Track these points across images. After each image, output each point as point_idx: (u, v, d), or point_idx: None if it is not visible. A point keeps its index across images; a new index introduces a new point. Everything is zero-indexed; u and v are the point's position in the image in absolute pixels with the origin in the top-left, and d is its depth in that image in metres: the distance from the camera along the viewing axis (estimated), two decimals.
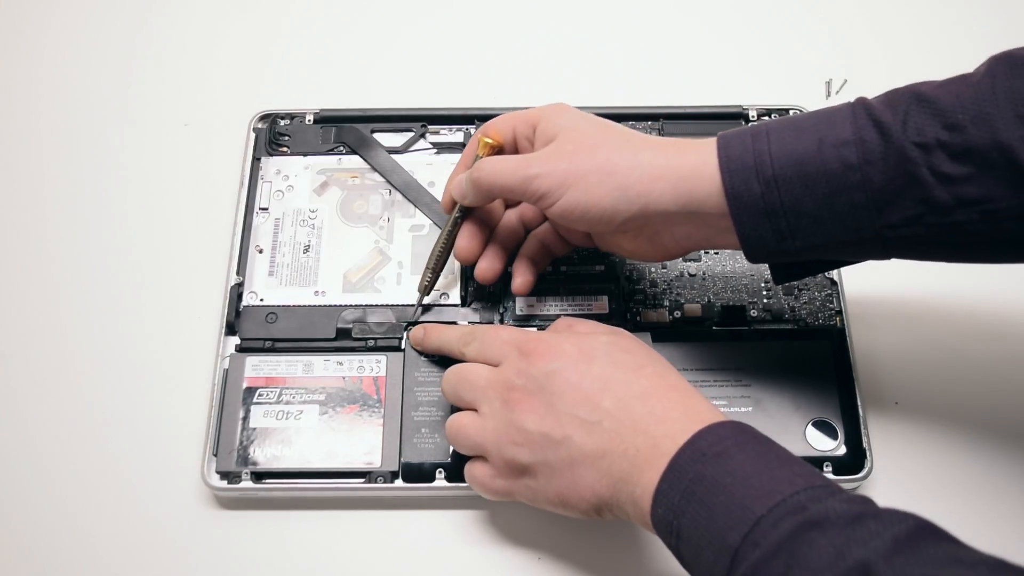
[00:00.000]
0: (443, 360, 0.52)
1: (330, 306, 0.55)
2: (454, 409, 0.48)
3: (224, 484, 0.50)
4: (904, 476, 0.40)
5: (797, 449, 0.50)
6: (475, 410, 0.47)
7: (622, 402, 0.43)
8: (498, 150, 0.51)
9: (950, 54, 0.67)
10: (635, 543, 0.51)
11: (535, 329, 0.51)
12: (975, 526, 0.38)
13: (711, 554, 0.38)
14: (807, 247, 0.43)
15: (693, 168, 0.44)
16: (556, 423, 0.43)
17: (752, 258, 0.45)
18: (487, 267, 0.52)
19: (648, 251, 0.48)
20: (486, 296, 0.56)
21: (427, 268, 0.53)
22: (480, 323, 0.54)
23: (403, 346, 0.54)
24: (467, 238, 0.52)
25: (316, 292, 0.55)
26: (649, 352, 0.46)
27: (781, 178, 0.42)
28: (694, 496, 0.39)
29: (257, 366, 0.53)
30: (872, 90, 0.67)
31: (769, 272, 0.49)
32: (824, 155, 0.42)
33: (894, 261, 0.45)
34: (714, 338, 0.54)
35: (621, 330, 0.48)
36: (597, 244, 0.51)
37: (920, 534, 0.35)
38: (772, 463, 0.39)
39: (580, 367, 0.44)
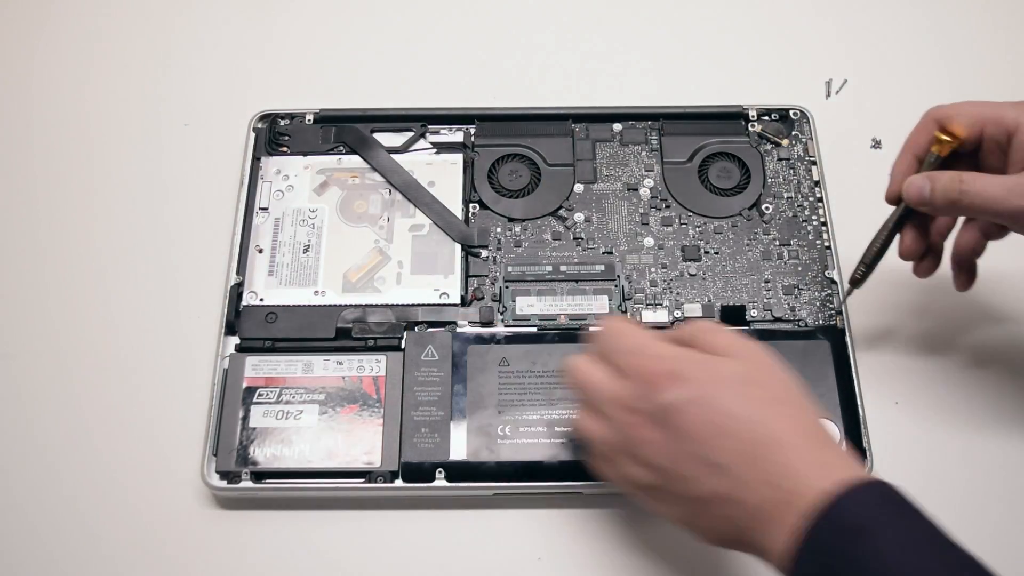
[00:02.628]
0: (443, 363, 0.53)
1: (330, 306, 0.55)
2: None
3: (224, 484, 0.50)
4: (904, 476, 0.40)
5: None
6: (597, 411, 0.44)
7: (750, 447, 0.39)
8: (956, 148, 0.47)
9: (950, 54, 0.67)
10: (635, 543, 0.50)
11: (662, 331, 0.46)
12: (976, 526, 0.38)
13: None
14: None
15: None
16: (677, 460, 0.40)
17: None
18: (928, 267, 0.51)
19: None
20: (486, 296, 0.56)
21: (861, 262, 0.52)
22: (480, 323, 0.54)
23: (403, 346, 0.53)
24: (913, 240, 0.50)
25: (316, 292, 0.55)
26: (785, 382, 0.42)
27: None
28: (841, 560, 0.36)
29: (257, 366, 0.53)
30: (872, 90, 0.67)
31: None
32: None
33: (897, 259, 0.44)
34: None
35: (757, 349, 0.43)
36: None
37: None
38: (922, 547, 0.36)
39: (705, 402, 0.40)
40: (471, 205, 0.59)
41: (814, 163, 0.60)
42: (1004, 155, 0.46)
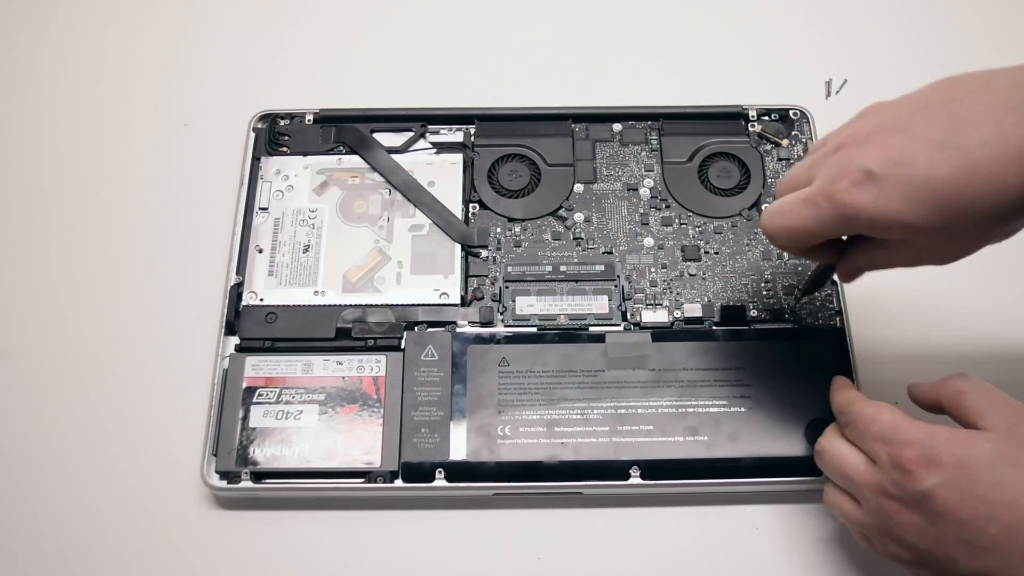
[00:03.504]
0: (443, 363, 0.53)
1: (330, 306, 0.55)
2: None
3: (224, 484, 0.50)
4: None
5: (797, 449, 0.50)
6: (851, 493, 0.45)
7: (1012, 529, 0.38)
8: None
9: (950, 54, 0.67)
10: (635, 543, 0.50)
11: (897, 409, 0.44)
12: None
13: None
14: None
15: None
16: (939, 543, 0.40)
17: None
18: None
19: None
20: (486, 296, 0.56)
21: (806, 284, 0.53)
22: (480, 323, 0.54)
23: (403, 346, 0.53)
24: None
25: (316, 292, 0.55)
26: None
27: None
28: None
29: (257, 366, 0.53)
30: (871, 90, 0.67)
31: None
32: None
33: None
34: (714, 338, 0.54)
35: (1013, 416, 0.42)
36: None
37: None
38: None
39: (961, 487, 0.39)
40: (471, 205, 0.59)
41: None
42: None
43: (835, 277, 0.56)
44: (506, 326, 0.55)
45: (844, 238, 0.46)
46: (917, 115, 0.40)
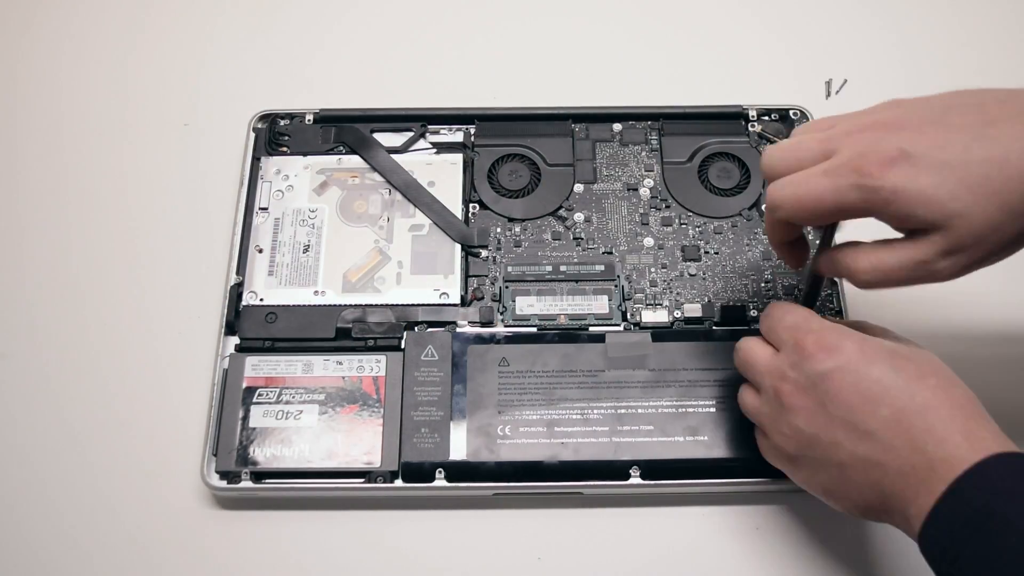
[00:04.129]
0: (443, 363, 0.53)
1: (330, 306, 0.55)
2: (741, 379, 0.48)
3: (224, 484, 0.50)
4: None
5: None
6: (755, 385, 0.46)
7: (900, 414, 0.40)
8: None
9: (950, 54, 0.67)
10: (635, 543, 0.50)
11: (818, 317, 0.46)
12: None
13: None
14: None
15: None
16: (826, 425, 0.42)
17: None
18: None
19: None
20: (486, 296, 0.56)
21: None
22: (480, 323, 0.54)
23: (403, 346, 0.53)
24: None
25: (316, 292, 0.55)
26: (934, 362, 0.43)
27: None
28: (980, 530, 0.36)
29: (257, 366, 0.53)
30: (871, 90, 0.67)
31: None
32: None
33: None
34: (714, 338, 0.54)
35: (914, 343, 0.44)
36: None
37: None
38: None
39: (858, 369, 0.41)
40: (471, 205, 0.59)
41: None
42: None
43: (838, 279, 0.56)
44: (506, 326, 0.55)
45: (831, 243, 0.46)
46: (950, 110, 0.41)
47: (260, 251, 0.57)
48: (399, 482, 0.50)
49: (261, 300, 0.55)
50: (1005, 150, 0.39)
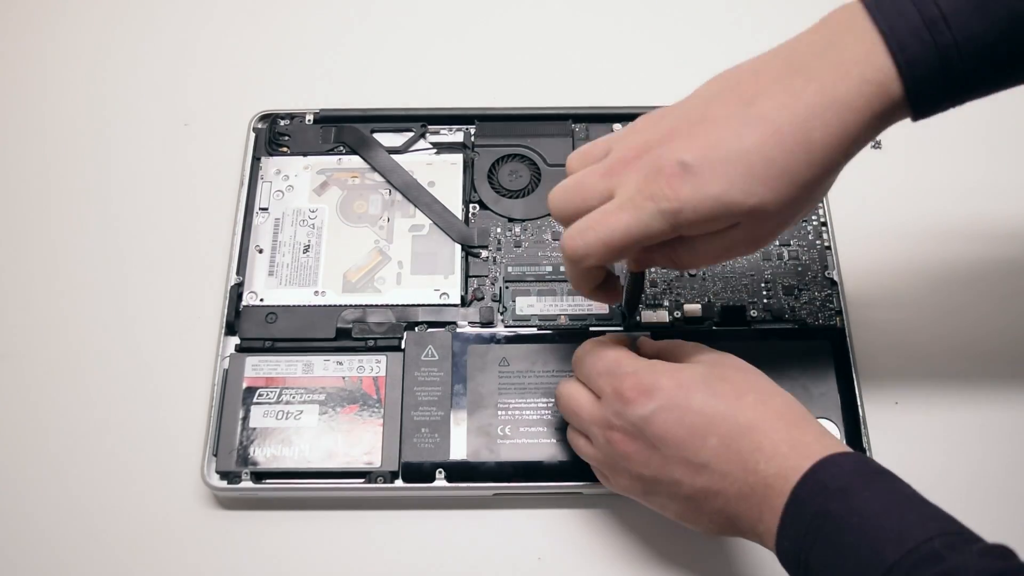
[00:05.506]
0: (443, 363, 0.53)
1: (330, 306, 0.55)
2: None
3: (224, 484, 0.50)
4: (904, 476, 0.41)
5: None
6: (585, 432, 0.46)
7: (727, 439, 0.40)
8: None
9: None
10: (635, 543, 0.50)
11: (646, 338, 0.49)
12: (976, 527, 0.38)
13: None
14: (983, 81, 0.38)
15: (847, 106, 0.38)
16: (661, 467, 0.42)
17: (918, 114, 0.39)
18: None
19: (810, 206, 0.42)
20: (486, 296, 0.56)
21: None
22: (480, 323, 0.54)
23: (403, 346, 0.53)
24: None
25: (316, 292, 0.55)
26: (748, 375, 0.44)
27: (950, 16, 0.37)
28: (820, 532, 0.37)
29: (257, 366, 0.53)
30: None
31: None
32: None
33: (899, 259, 0.44)
34: (714, 338, 0.54)
35: (721, 353, 0.45)
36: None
37: None
38: (901, 502, 0.37)
39: (678, 404, 0.42)
40: (471, 205, 0.59)
41: None
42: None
43: (833, 276, 0.56)
44: (506, 326, 0.55)
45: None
46: (710, 104, 0.40)
47: (260, 251, 0.57)
48: (399, 482, 0.50)
49: (261, 300, 0.55)
50: (774, 124, 0.38)
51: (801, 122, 0.38)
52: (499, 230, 0.58)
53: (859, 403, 0.52)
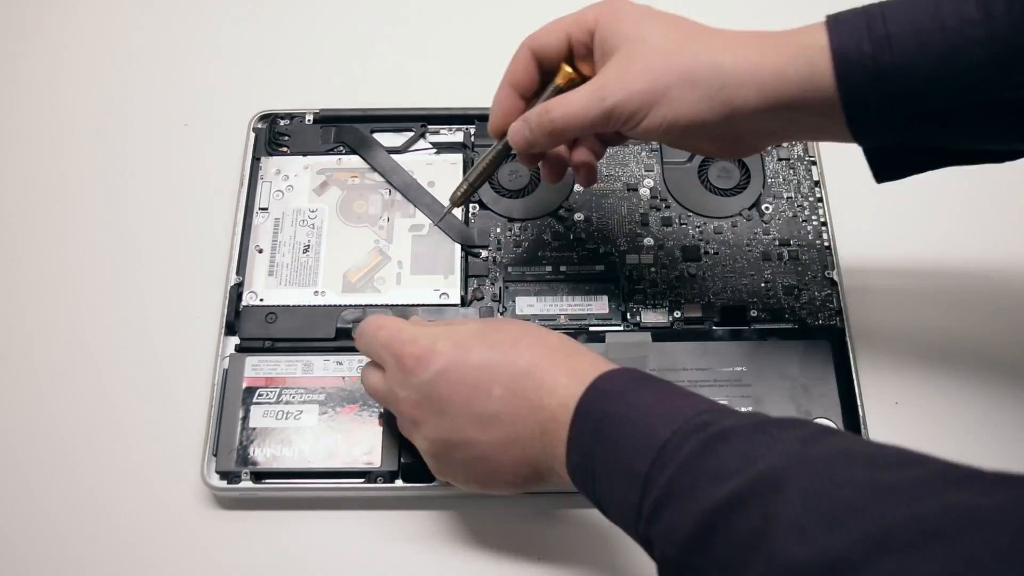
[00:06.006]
0: None
1: (330, 306, 0.55)
2: None
3: (224, 484, 0.50)
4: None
5: None
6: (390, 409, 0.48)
7: (511, 384, 0.42)
8: (575, 80, 0.47)
9: None
10: (634, 543, 0.50)
11: (418, 318, 0.49)
12: None
13: (623, 485, 0.37)
14: (919, 114, 0.40)
15: (776, 69, 0.42)
16: (452, 428, 0.43)
17: (857, 132, 0.42)
18: (556, 174, 0.51)
19: (728, 150, 0.47)
20: (486, 296, 0.56)
21: (465, 180, 0.53)
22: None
23: None
24: (547, 170, 0.52)
25: (316, 292, 0.55)
26: (518, 324, 0.45)
27: (895, 37, 0.39)
28: (602, 434, 0.39)
29: (257, 366, 0.53)
30: None
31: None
32: (941, 10, 0.39)
33: (899, 258, 0.44)
34: (714, 338, 0.54)
35: (490, 318, 0.47)
36: (670, 144, 0.48)
37: (823, 433, 0.35)
38: (673, 394, 0.39)
39: (458, 364, 0.43)
40: (471, 205, 0.59)
41: (814, 163, 0.60)
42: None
43: (833, 276, 0.56)
44: None
45: None
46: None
47: (260, 251, 0.57)
48: (399, 482, 0.50)
49: (261, 300, 0.55)
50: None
51: (742, 67, 0.42)
52: (499, 230, 0.58)
53: (859, 403, 0.52)
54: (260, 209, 0.58)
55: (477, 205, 0.59)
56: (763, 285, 0.56)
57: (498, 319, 0.46)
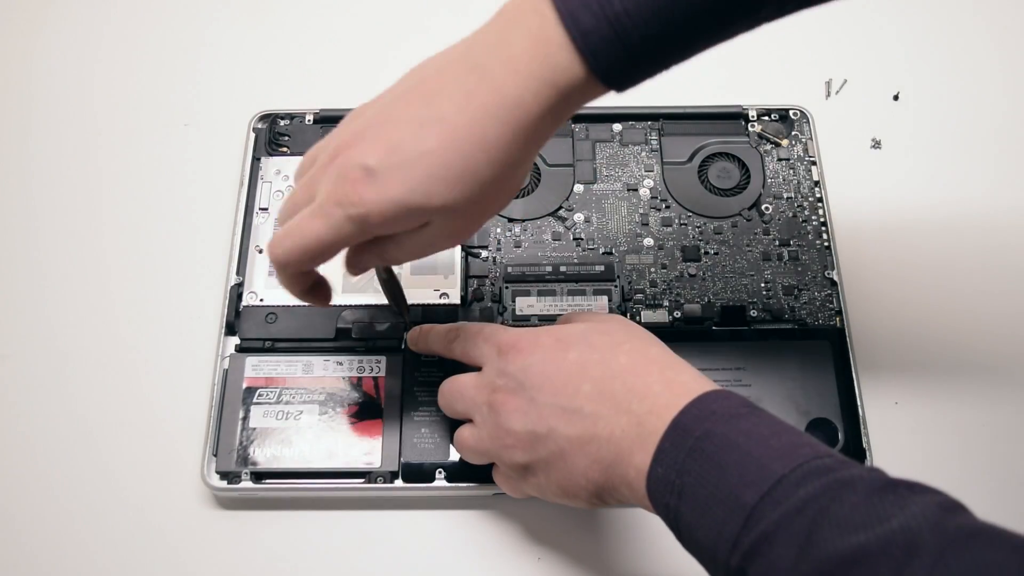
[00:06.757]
0: (444, 360, 0.52)
1: (330, 306, 0.55)
2: (459, 422, 0.48)
3: (224, 484, 0.50)
4: (904, 476, 0.41)
5: None
6: (471, 420, 0.46)
7: (600, 384, 0.42)
8: None
9: (949, 54, 0.67)
10: (634, 542, 0.51)
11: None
12: None
13: (721, 512, 0.36)
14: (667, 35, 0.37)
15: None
16: (539, 417, 0.42)
17: (613, 84, 0.38)
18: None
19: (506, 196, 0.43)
20: (486, 296, 0.56)
21: (401, 309, 0.52)
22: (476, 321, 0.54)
23: (403, 346, 0.53)
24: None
25: None
26: (630, 329, 0.45)
27: None
28: (702, 453, 0.37)
29: (257, 366, 0.53)
30: (872, 90, 0.67)
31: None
32: None
33: (899, 259, 0.44)
34: (714, 338, 0.54)
35: (612, 316, 0.47)
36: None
37: (960, 507, 0.34)
38: (789, 429, 0.38)
39: (556, 356, 0.43)
40: None
41: (814, 163, 0.60)
42: None
43: (833, 276, 0.56)
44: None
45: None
46: (396, 103, 0.39)
47: (260, 251, 0.57)
48: (399, 482, 0.50)
49: (261, 300, 0.55)
50: (452, 126, 0.37)
51: (476, 123, 0.37)
52: (499, 230, 0.58)
53: (859, 403, 0.52)
54: (260, 209, 0.58)
55: None
56: (763, 285, 0.56)
57: (609, 320, 0.45)
